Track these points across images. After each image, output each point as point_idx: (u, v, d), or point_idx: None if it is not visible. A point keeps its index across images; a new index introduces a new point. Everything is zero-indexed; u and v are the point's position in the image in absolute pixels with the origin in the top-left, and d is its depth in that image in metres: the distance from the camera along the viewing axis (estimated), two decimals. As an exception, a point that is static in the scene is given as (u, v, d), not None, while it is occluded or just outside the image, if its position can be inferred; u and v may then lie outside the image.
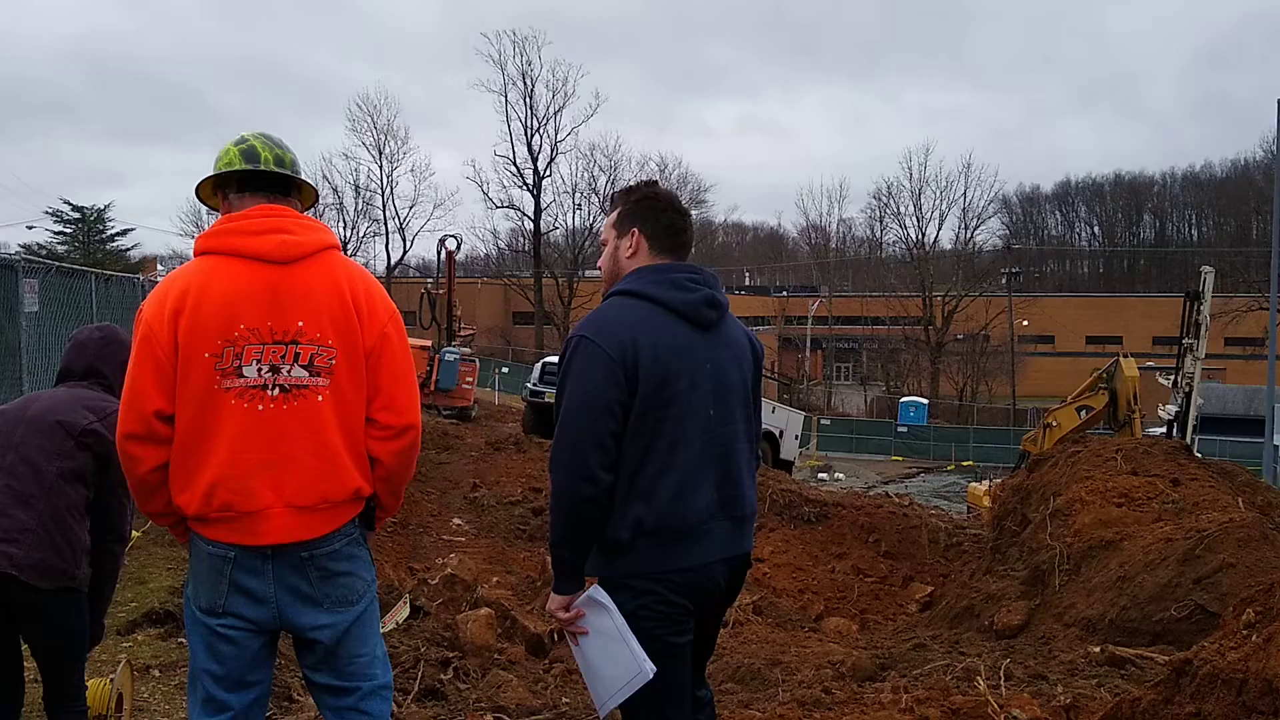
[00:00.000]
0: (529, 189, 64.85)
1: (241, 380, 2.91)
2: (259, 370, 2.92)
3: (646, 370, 3.02)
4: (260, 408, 2.92)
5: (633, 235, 3.28)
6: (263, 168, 3.12)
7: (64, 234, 51.42)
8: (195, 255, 3.06)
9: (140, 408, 2.89)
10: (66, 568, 3.50)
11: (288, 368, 2.95)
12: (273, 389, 2.93)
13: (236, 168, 3.11)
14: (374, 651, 3.16)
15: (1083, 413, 21.40)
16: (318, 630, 3.02)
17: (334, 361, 2.99)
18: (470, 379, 29.81)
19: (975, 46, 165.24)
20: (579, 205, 67.39)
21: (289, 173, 3.17)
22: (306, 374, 2.97)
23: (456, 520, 14.04)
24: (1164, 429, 20.12)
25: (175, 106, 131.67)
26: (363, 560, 3.13)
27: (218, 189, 3.20)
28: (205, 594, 2.97)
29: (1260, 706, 2.76)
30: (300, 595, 2.99)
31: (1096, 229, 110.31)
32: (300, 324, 2.97)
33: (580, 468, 2.98)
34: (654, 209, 3.29)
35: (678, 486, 3.06)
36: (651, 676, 2.98)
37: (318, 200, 3.46)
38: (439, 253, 31.77)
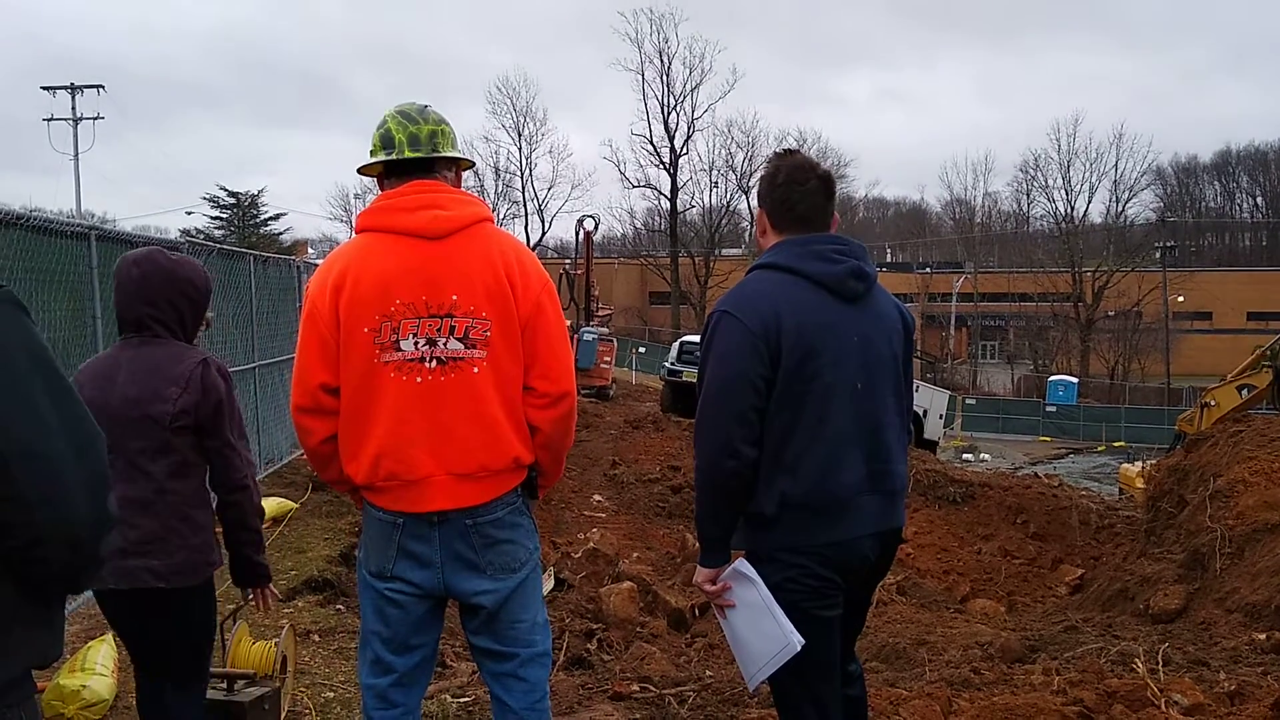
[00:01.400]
0: (665, 168, 64.97)
1: (399, 354, 2.98)
2: (415, 343, 2.99)
3: (790, 344, 2.99)
4: (419, 380, 2.99)
5: (760, 214, 3.27)
6: (396, 156, 3.16)
7: (220, 219, 53.67)
8: (356, 232, 3.15)
9: (307, 381, 3.02)
10: (205, 558, 3.36)
11: (444, 340, 3.01)
12: (430, 361, 3.00)
13: (378, 157, 3.18)
14: (535, 618, 3.20)
15: (1244, 391, 20.39)
16: (480, 596, 3.09)
17: (489, 333, 3.04)
18: (608, 358, 30.07)
19: (1125, 4, 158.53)
20: (715, 183, 67.23)
21: (423, 154, 3.17)
22: (462, 346, 3.03)
23: (597, 497, 14.22)
24: (1333, 408, 19.11)
25: (313, 93, 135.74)
26: (525, 529, 3.17)
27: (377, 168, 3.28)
28: (375, 558, 3.08)
29: None
30: (464, 561, 3.06)
31: (1260, 199, 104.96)
32: (454, 298, 3.02)
33: (723, 443, 2.98)
34: (771, 184, 3.22)
35: (825, 461, 3.03)
36: (799, 649, 2.97)
37: (474, 164, 3.53)
38: (577, 233, 32.14)
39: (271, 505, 8.71)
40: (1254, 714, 3.61)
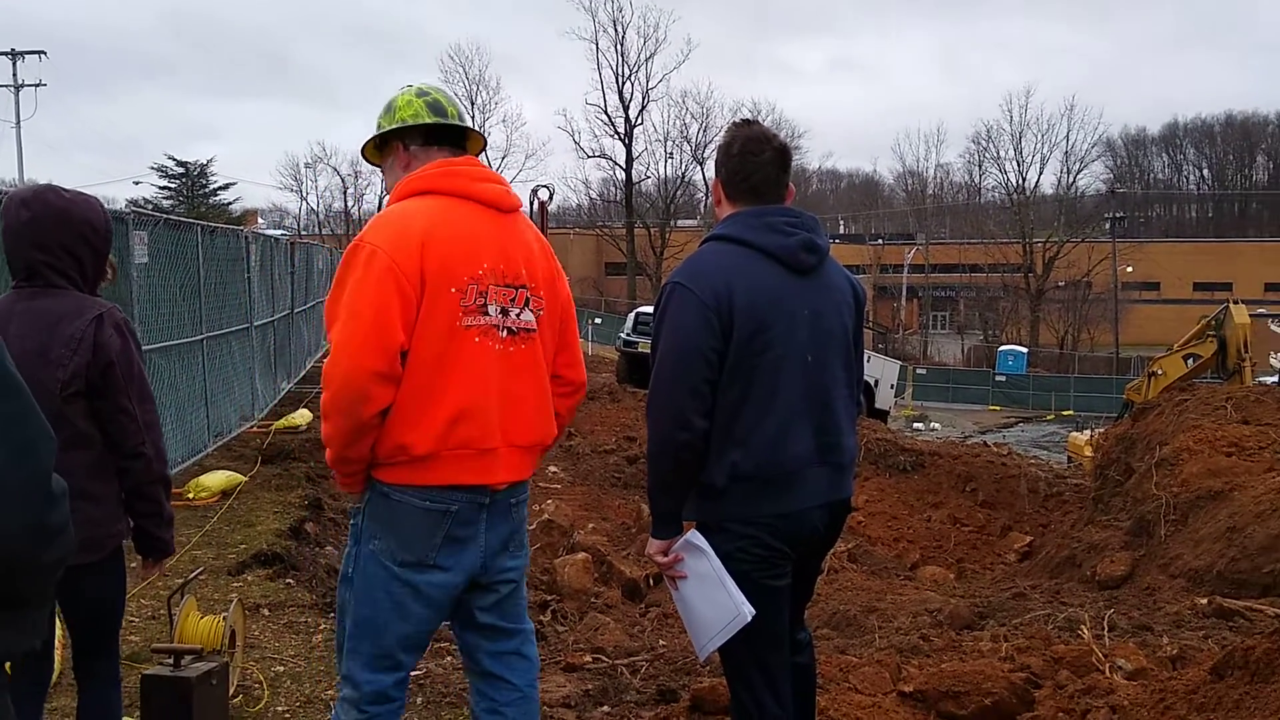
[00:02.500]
0: (620, 138, 64.67)
1: (485, 319, 2.92)
2: (497, 310, 2.96)
3: (742, 316, 2.99)
4: (496, 347, 2.95)
5: (715, 185, 3.27)
6: (451, 121, 3.12)
7: (169, 189, 52.82)
8: (410, 195, 2.99)
9: (389, 343, 2.79)
10: (106, 530, 3.10)
11: (517, 311, 3.00)
12: (503, 330, 2.97)
13: (424, 120, 3.08)
14: (526, 598, 3.27)
15: (1190, 361, 20.79)
16: (509, 572, 3.09)
17: (542, 312, 3.08)
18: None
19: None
20: (671, 154, 67.02)
21: (472, 126, 3.20)
22: (533, 319, 3.05)
23: (552, 468, 14.20)
24: (1276, 377, 19.49)
25: (261, 61, 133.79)
26: (528, 516, 3.25)
27: (392, 140, 3.14)
28: (415, 547, 2.91)
29: (1385, 655, 2.68)
30: (503, 540, 3.05)
31: (1206, 172, 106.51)
32: (523, 270, 3.03)
33: (676, 415, 2.98)
34: (726, 154, 3.22)
35: (774, 433, 3.04)
36: (749, 619, 2.99)
37: (485, 148, 3.50)
38: (531, 203, 31.80)
39: (220, 479, 8.63)
40: (1194, 677, 3.68)
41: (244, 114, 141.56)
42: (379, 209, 3.08)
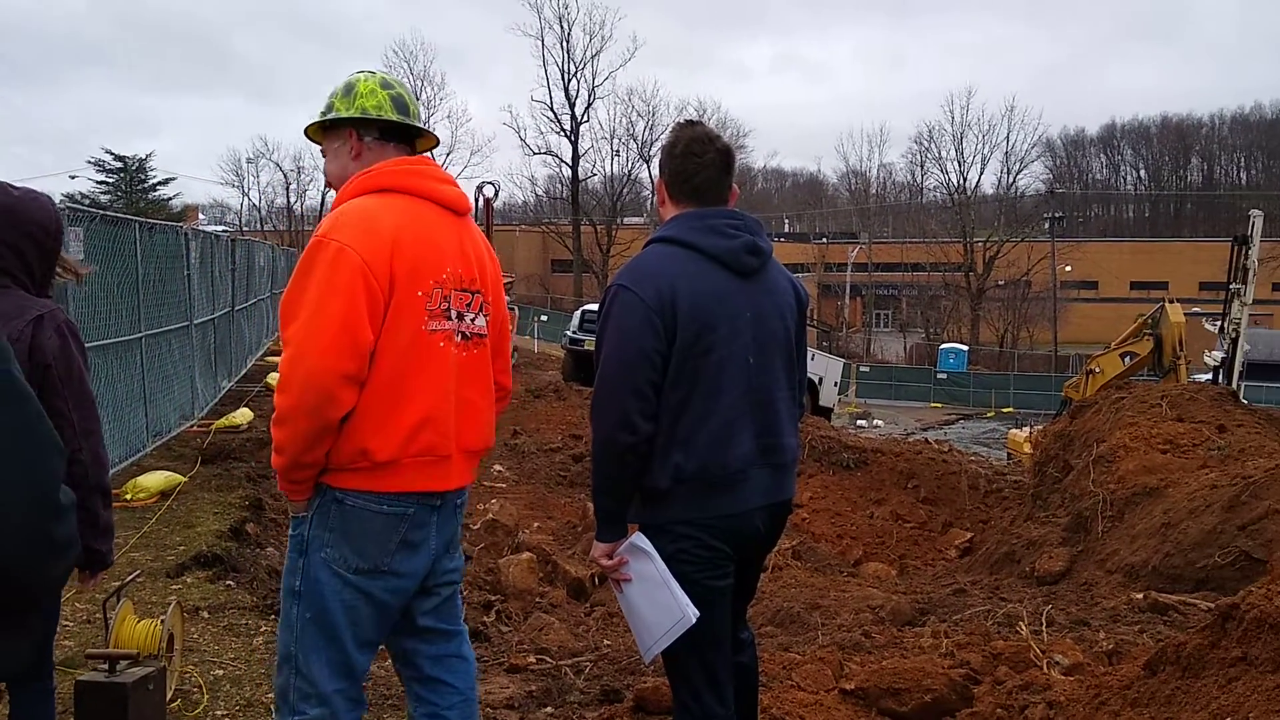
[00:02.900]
0: (566, 135, 64.66)
1: (449, 323, 2.91)
2: (456, 315, 2.94)
3: (685, 318, 3.00)
4: (454, 352, 2.93)
5: (658, 184, 3.28)
6: (413, 122, 3.09)
7: (106, 184, 51.93)
8: (369, 192, 2.91)
9: (359, 343, 2.72)
10: None
11: (471, 316, 2.98)
12: (458, 335, 2.95)
13: (389, 116, 3.03)
14: (462, 599, 3.28)
15: (1127, 359, 21.14)
16: (451, 574, 3.10)
17: (490, 317, 3.09)
18: (509, 327, 29.89)
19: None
20: (617, 151, 67.12)
21: (428, 129, 3.17)
22: (485, 324, 3.05)
23: (497, 467, 14.13)
24: (1210, 375, 19.88)
25: (201, 54, 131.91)
26: None
27: (345, 126, 3.06)
28: (369, 554, 2.85)
29: (1310, 651, 2.74)
30: (447, 542, 3.05)
31: (1142, 172, 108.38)
32: (477, 275, 3.03)
33: (620, 417, 2.99)
34: (670, 155, 3.23)
35: (717, 434, 3.06)
36: (694, 621, 3.01)
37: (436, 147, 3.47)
38: (476, 200, 31.59)
39: (159, 479, 8.49)
40: (1128, 673, 3.75)
41: (184, 108, 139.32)
42: (322, 200, 2.96)
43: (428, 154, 3.34)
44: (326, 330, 2.68)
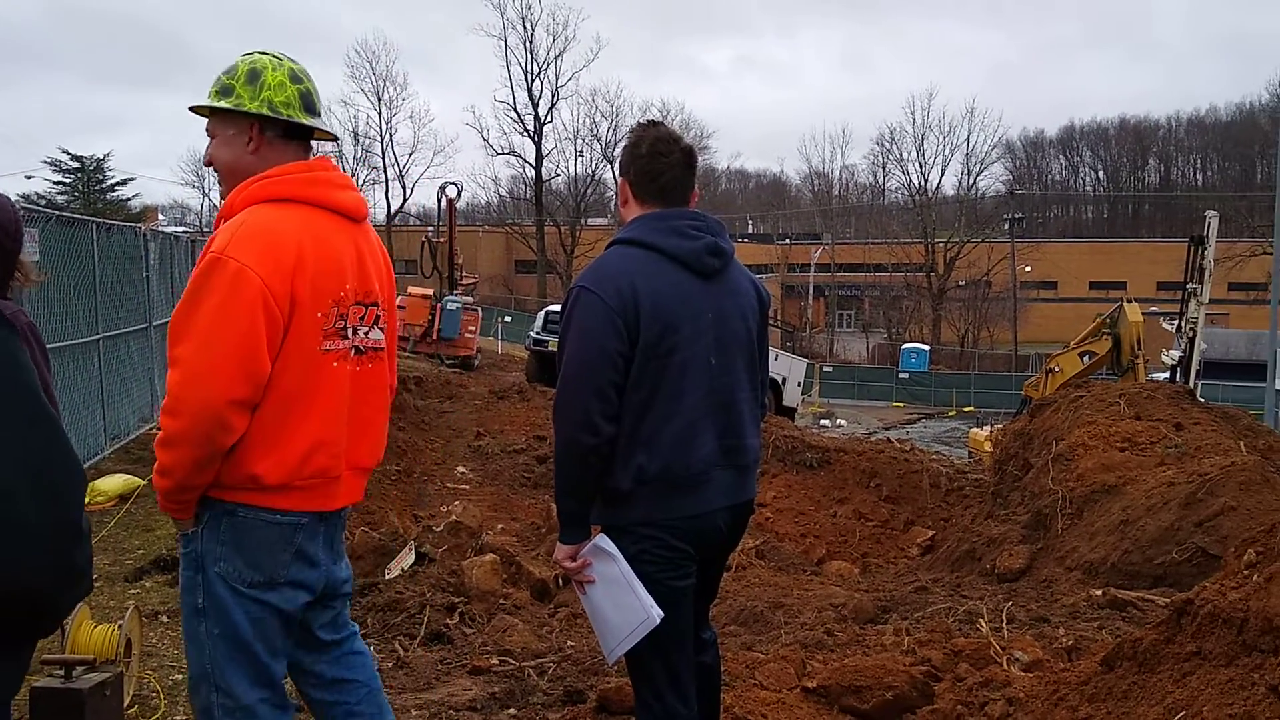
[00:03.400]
0: (530, 135, 64.53)
1: (344, 342, 2.83)
2: (353, 332, 2.86)
3: (647, 320, 3.00)
4: (349, 369, 2.87)
5: (622, 185, 3.26)
6: (325, 126, 2.99)
7: (63, 184, 51.34)
8: (267, 200, 2.79)
9: (256, 372, 2.64)
10: None
11: (366, 329, 2.91)
12: (355, 351, 2.89)
13: (298, 118, 2.90)
14: None
15: (1085, 358, 21.40)
16: (345, 584, 3.08)
17: (386, 328, 3.04)
18: (473, 328, 29.78)
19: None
20: (581, 152, 67.08)
21: (330, 131, 3.09)
22: (381, 336, 2.99)
23: (461, 468, 14.10)
24: (1167, 374, 20.13)
25: (159, 53, 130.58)
26: None
27: (252, 120, 2.88)
28: (263, 567, 2.80)
29: (1260, 644, 2.78)
30: (335, 553, 3.02)
31: (1101, 174, 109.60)
32: (375, 285, 2.97)
33: (582, 419, 2.98)
34: (634, 155, 3.22)
35: (679, 436, 3.06)
36: (659, 622, 3.01)
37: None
38: (439, 200, 31.60)
39: (117, 483, 8.41)
40: (1086, 669, 3.79)
41: (143, 107, 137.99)
42: (221, 192, 2.78)
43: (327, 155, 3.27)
44: (224, 357, 2.61)
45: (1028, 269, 67.34)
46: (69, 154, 51.38)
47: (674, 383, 3.05)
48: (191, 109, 2.97)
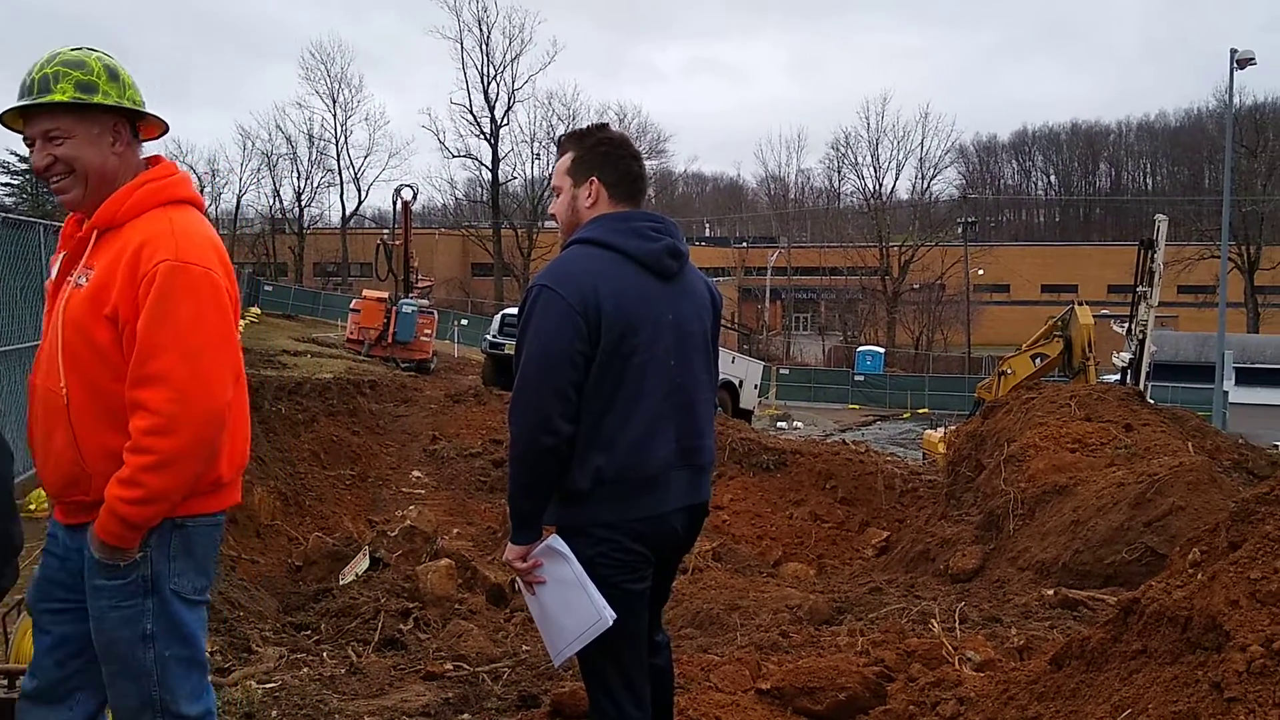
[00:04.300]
0: (486, 138, 64.32)
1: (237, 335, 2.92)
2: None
3: (609, 320, 3.00)
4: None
5: (591, 184, 3.22)
6: (166, 126, 2.96)
7: (11, 185, 50.51)
8: (173, 203, 2.79)
9: (238, 369, 2.78)
10: None
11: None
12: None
13: (157, 119, 2.90)
14: None
15: (1037, 360, 21.61)
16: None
17: None
18: (428, 331, 29.65)
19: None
20: (538, 155, 66.83)
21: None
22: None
23: (416, 473, 14.02)
24: (1118, 376, 20.38)
25: (112, 53, 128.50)
26: None
27: (118, 117, 2.81)
28: (209, 569, 2.87)
29: (1204, 642, 2.82)
30: None
31: (1053, 178, 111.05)
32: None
33: (541, 419, 2.96)
34: (611, 156, 3.22)
35: (639, 437, 3.06)
36: (611, 624, 3.00)
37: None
38: (395, 203, 31.50)
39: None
40: (1035, 668, 3.82)
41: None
42: (76, 196, 2.60)
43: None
44: (215, 362, 2.64)
45: (980, 272, 68.04)
46: (17, 155, 50.49)
47: (634, 384, 3.05)
48: (22, 109, 2.75)
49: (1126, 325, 20.55)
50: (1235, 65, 28.90)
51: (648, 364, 3.07)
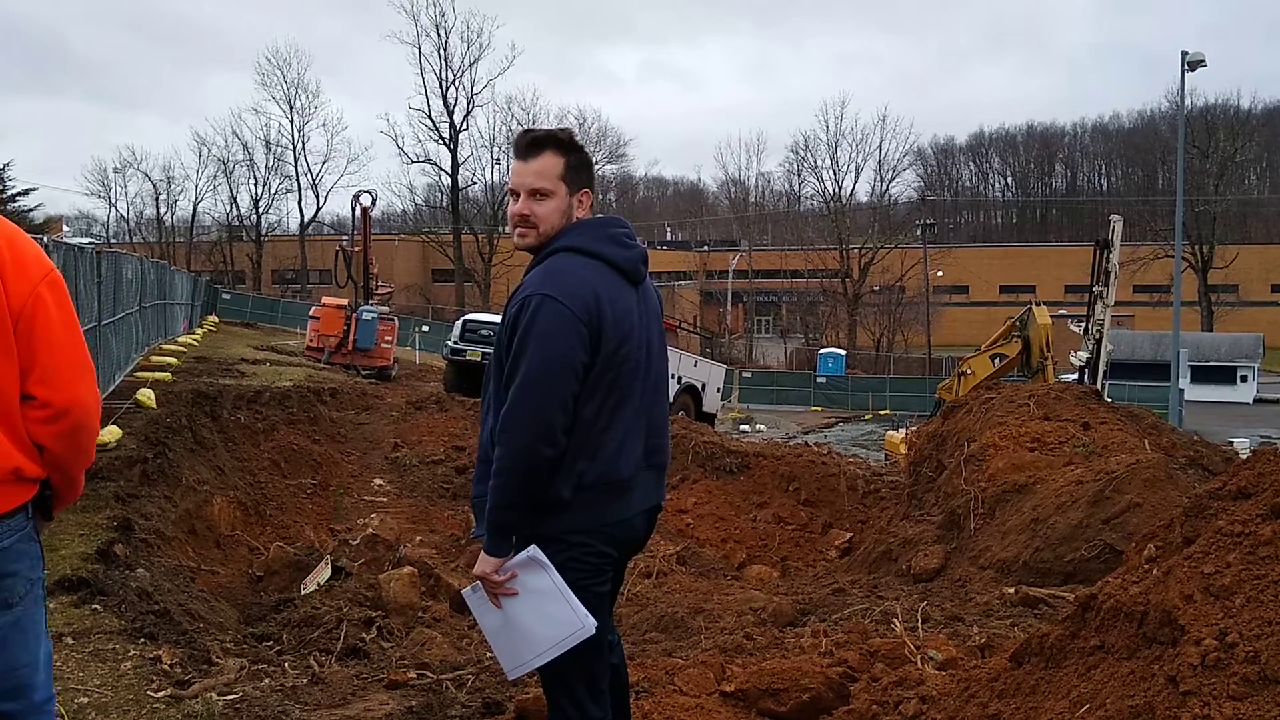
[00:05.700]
0: (445, 143, 64.11)
1: None
2: None
3: (609, 331, 3.01)
4: None
5: (585, 195, 3.19)
6: None
7: None
8: None
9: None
10: None
11: None
12: None
13: None
14: (36, 659, 2.80)
15: (996, 360, 21.81)
16: None
17: None
18: (389, 338, 29.43)
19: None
20: (498, 160, 66.78)
21: None
22: None
23: (378, 481, 13.93)
24: (1075, 375, 20.60)
25: (62, 59, 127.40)
26: (32, 556, 2.73)
27: None
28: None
29: (1160, 636, 2.86)
30: None
31: (1010, 179, 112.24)
32: None
33: (543, 430, 2.93)
34: (591, 168, 3.27)
35: (619, 441, 3.09)
36: (594, 631, 3.00)
37: None
38: (353, 209, 31.14)
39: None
40: (996, 665, 3.86)
41: (40, 114, 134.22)
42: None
43: None
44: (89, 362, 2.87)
45: (940, 274, 68.62)
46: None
47: (621, 390, 3.08)
48: None
49: (1083, 325, 20.81)
50: (1186, 67, 29.31)
51: (633, 371, 3.11)
